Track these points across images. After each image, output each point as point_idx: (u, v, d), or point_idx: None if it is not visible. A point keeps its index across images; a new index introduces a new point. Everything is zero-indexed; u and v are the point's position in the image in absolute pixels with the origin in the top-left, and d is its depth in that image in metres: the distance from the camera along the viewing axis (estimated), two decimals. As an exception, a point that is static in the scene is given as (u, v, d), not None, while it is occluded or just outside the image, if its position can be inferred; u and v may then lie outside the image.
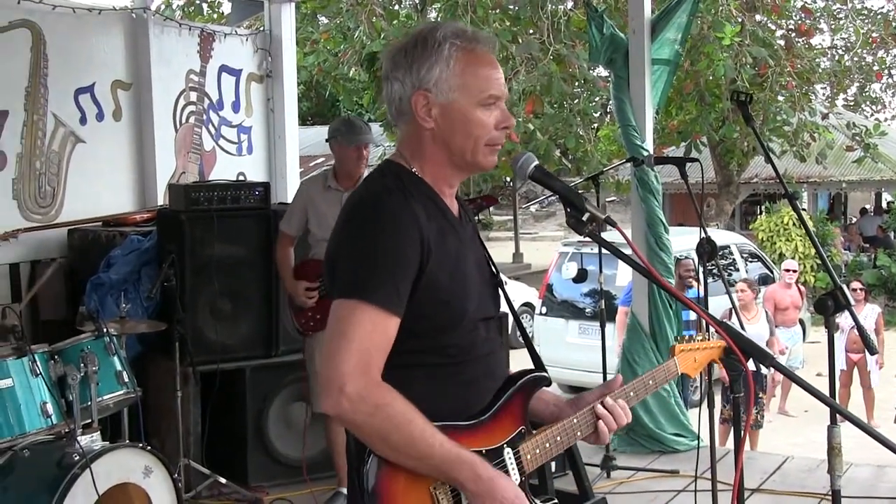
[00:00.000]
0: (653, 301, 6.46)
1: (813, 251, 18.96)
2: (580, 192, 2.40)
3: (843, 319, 11.89)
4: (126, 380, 4.71)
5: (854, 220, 25.11)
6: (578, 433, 2.31)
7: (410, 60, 2.21)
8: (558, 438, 2.28)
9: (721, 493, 4.84)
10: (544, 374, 2.37)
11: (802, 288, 13.12)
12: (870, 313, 11.16)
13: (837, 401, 2.44)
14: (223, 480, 5.63)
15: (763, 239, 19.19)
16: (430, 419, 2.08)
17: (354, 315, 2.06)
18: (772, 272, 14.34)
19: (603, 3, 11.73)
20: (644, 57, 6.37)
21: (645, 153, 6.23)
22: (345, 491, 5.47)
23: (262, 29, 7.88)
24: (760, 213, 22.20)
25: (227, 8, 16.95)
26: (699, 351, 2.54)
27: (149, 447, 4.46)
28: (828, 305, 3.13)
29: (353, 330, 2.04)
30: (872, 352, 2.96)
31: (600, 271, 6.09)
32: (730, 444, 7.79)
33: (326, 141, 5.36)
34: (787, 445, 9.62)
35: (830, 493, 3.18)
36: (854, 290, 11.92)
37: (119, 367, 4.69)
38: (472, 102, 2.20)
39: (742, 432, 2.08)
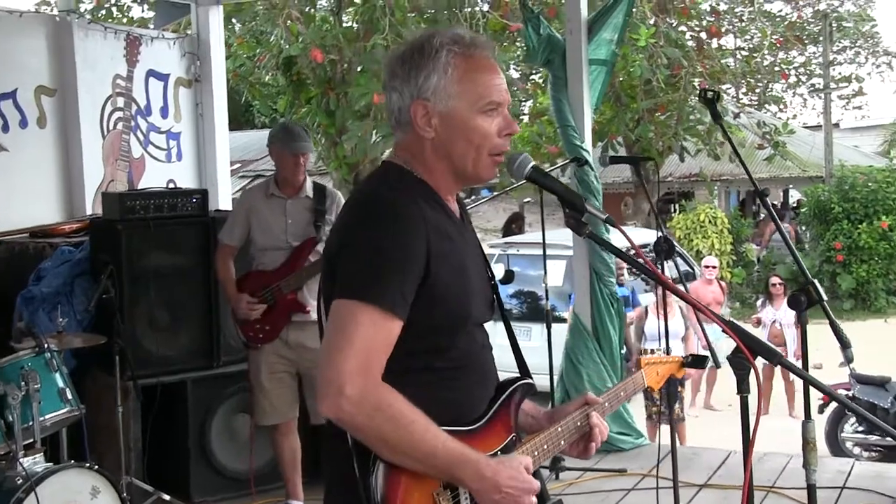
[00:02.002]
0: (595, 301, 6.48)
1: (728, 248, 19.39)
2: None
3: (765, 314, 12.18)
4: (69, 397, 4.54)
5: (763, 216, 25.73)
6: (562, 442, 2.32)
7: (408, 69, 2.17)
8: (545, 447, 2.28)
9: (668, 491, 4.89)
10: (531, 381, 2.36)
11: (723, 284, 13.38)
12: (787, 307, 11.39)
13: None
14: (167, 497, 5.45)
15: (680, 237, 19.54)
16: None
17: (356, 316, 2.00)
18: (692, 269, 14.58)
19: (539, 3, 11.83)
20: (581, 57, 6.37)
21: (585, 153, 6.24)
22: (293, 503, 5.37)
23: (189, 32, 7.70)
24: (675, 211, 22.60)
25: (136, 12, 16.63)
26: (661, 364, 2.73)
27: (96, 467, 4.31)
28: (801, 301, 3.16)
29: (355, 331, 1.99)
30: (846, 346, 2.98)
31: (545, 272, 6.08)
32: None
33: (267, 146, 5.30)
34: (717, 438, 9.77)
35: (806, 486, 3.21)
36: (773, 284, 12.24)
37: (62, 384, 4.52)
38: (472, 109, 2.16)
39: (752, 433, 2.07)
